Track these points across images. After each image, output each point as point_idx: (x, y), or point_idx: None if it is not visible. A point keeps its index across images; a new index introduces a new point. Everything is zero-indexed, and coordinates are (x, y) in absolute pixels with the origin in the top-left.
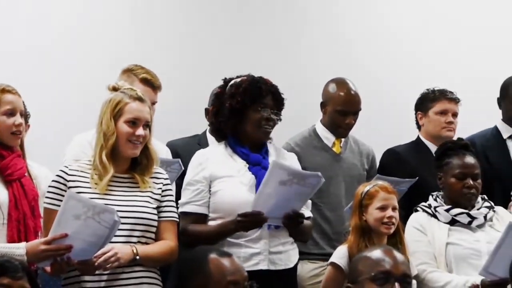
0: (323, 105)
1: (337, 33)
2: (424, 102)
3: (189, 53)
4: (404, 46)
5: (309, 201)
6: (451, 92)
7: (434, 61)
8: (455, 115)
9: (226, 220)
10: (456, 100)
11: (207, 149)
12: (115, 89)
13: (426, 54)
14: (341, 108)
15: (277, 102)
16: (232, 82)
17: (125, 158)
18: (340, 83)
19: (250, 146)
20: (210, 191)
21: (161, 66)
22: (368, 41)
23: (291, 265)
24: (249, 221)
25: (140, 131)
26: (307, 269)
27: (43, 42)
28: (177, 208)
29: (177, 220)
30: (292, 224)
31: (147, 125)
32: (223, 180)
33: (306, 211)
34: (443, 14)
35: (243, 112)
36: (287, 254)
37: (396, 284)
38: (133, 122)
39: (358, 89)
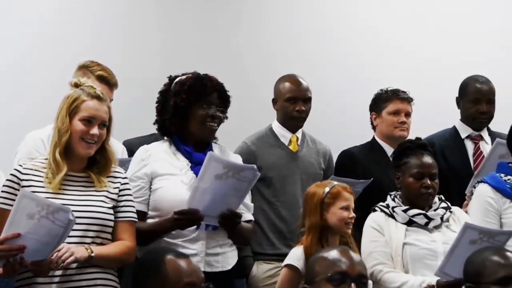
0: (274, 102)
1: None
2: (377, 103)
3: (147, 50)
4: (364, 46)
5: (251, 204)
6: (404, 92)
7: (394, 62)
8: (408, 114)
9: (164, 218)
10: (408, 100)
11: (151, 145)
12: (76, 85)
13: (385, 54)
14: (289, 95)
15: (223, 100)
16: (177, 79)
17: (81, 156)
18: (287, 75)
19: (195, 144)
20: (150, 188)
21: (118, 63)
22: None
23: (229, 267)
24: (185, 219)
25: (94, 130)
26: (262, 269)
27: None
28: None
29: (135, 220)
30: (229, 224)
31: (104, 125)
32: (164, 178)
33: (248, 214)
34: (403, 15)
35: (187, 109)
36: (224, 256)
37: (352, 285)
38: (88, 121)
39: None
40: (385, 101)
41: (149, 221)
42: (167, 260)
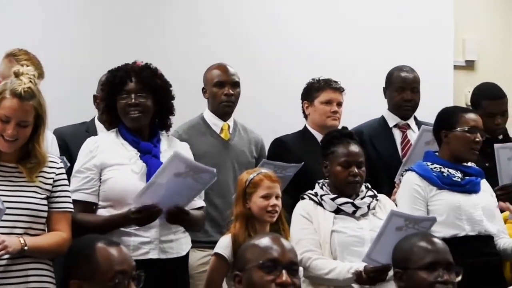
0: (204, 91)
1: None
2: (310, 92)
3: (76, 38)
4: (293, 35)
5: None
6: (336, 82)
7: (324, 52)
8: (339, 104)
9: (118, 214)
10: (340, 90)
11: (98, 137)
12: (16, 75)
13: (315, 44)
14: (217, 79)
15: (143, 84)
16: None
17: None
18: (214, 64)
19: (140, 134)
20: (100, 179)
21: (48, 51)
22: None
23: (183, 253)
24: (145, 216)
25: (9, 130)
26: (196, 257)
27: None
28: None
29: (71, 210)
30: (175, 220)
31: (24, 125)
32: (114, 168)
33: (199, 201)
34: (330, 5)
35: (113, 103)
36: (178, 242)
37: (283, 272)
38: (5, 120)
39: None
40: (317, 90)
41: (100, 211)
42: (97, 248)
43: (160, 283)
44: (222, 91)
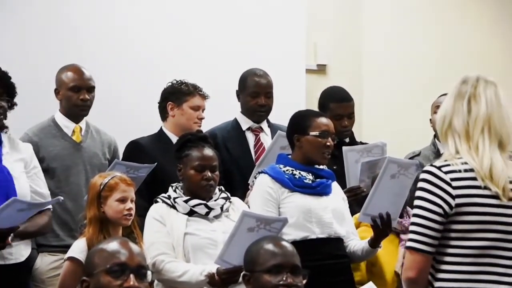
0: (57, 92)
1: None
2: (178, 94)
3: None
4: (148, 35)
5: (47, 192)
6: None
7: (178, 53)
8: (203, 110)
9: None
10: (206, 97)
11: None
12: None
13: (169, 46)
14: (73, 84)
15: (7, 88)
16: None
17: None
18: (68, 65)
19: None
20: None
21: None
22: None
23: (22, 259)
24: None
25: None
26: (46, 261)
27: None
28: None
29: None
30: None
31: None
32: None
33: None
34: (184, 6)
35: None
36: (17, 248)
37: (131, 276)
38: None
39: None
40: (187, 94)
41: None
42: None
43: None
44: (78, 95)
